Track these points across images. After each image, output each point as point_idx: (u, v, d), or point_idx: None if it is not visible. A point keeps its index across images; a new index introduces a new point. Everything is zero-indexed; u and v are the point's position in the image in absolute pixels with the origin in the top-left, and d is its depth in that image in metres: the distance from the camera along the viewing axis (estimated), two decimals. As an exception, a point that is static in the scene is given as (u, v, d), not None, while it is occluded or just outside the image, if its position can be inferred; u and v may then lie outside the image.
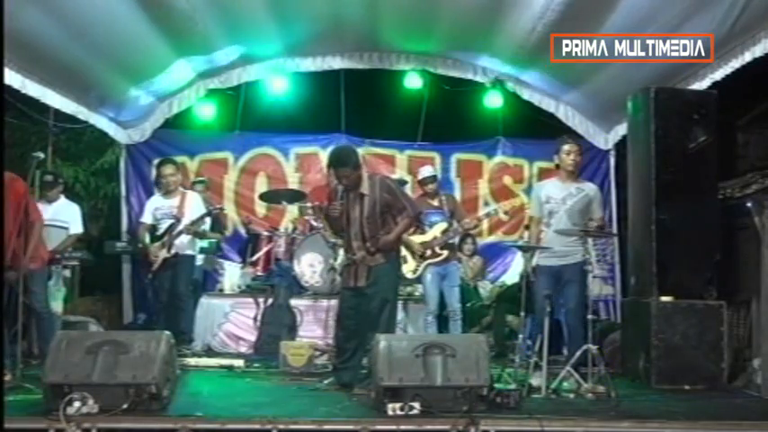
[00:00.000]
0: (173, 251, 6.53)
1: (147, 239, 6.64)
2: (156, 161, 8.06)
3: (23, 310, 4.98)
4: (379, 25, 7.43)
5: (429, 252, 6.54)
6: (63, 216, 6.47)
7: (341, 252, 6.70)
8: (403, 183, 7.42)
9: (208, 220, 7.02)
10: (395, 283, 5.38)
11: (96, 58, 6.42)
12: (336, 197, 5.24)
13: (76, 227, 6.59)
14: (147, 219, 6.76)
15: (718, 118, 5.84)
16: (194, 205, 6.75)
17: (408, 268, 6.66)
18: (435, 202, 6.66)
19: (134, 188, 8.57)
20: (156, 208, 6.73)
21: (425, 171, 6.84)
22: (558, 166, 5.70)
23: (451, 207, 6.70)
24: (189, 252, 6.68)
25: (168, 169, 6.75)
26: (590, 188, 5.71)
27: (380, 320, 5.04)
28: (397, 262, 5.51)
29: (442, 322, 6.80)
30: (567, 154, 5.60)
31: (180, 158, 7.84)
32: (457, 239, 6.64)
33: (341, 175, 5.16)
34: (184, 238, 6.59)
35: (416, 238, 6.55)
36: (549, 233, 5.56)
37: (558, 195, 5.59)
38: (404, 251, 6.76)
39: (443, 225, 6.54)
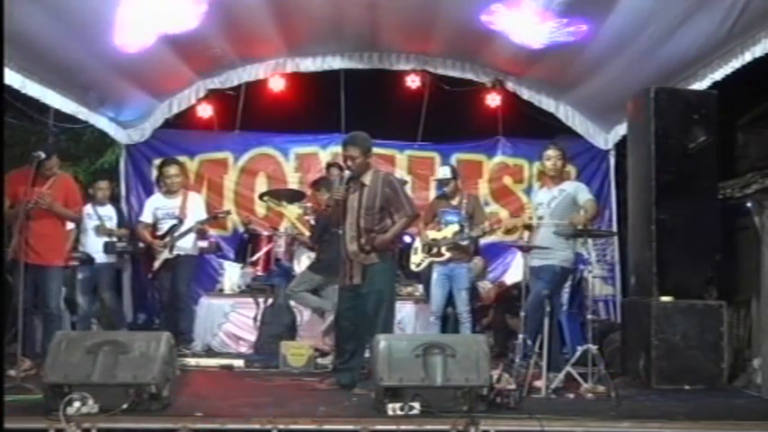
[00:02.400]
0: (174, 252, 6.53)
1: (149, 237, 6.64)
2: (156, 161, 8.07)
3: (23, 310, 4.98)
4: (379, 25, 7.42)
5: (434, 250, 6.55)
6: None
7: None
8: (403, 183, 7.41)
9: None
10: (391, 282, 5.36)
11: (96, 58, 6.41)
12: (341, 182, 5.26)
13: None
14: (146, 218, 6.75)
15: (719, 118, 5.84)
16: (196, 206, 6.74)
17: (414, 261, 6.67)
18: (454, 202, 6.68)
19: (134, 188, 8.55)
20: (156, 207, 6.72)
21: (441, 173, 6.86)
22: (543, 172, 5.79)
23: (471, 209, 6.65)
24: (190, 253, 6.67)
25: (172, 170, 6.74)
26: (570, 186, 5.78)
27: (378, 320, 5.04)
28: (394, 261, 5.49)
29: (444, 323, 6.79)
30: (548, 159, 5.75)
31: (180, 158, 7.83)
32: (467, 242, 6.59)
33: (348, 155, 5.18)
34: (186, 239, 6.58)
35: (429, 234, 6.58)
36: (540, 235, 5.64)
37: (544, 200, 5.73)
38: (416, 243, 6.78)
39: (456, 227, 6.53)
